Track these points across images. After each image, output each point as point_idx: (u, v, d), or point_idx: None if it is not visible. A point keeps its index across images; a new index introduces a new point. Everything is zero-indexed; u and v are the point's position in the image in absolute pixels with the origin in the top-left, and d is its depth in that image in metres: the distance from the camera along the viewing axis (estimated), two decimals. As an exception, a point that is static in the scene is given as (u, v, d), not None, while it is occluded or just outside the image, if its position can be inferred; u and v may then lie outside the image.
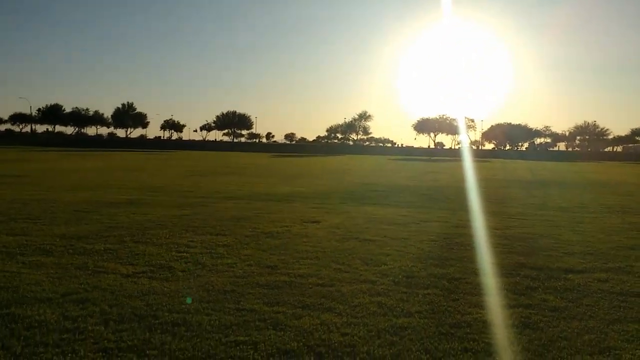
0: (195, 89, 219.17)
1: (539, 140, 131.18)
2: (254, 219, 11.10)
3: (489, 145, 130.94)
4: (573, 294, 6.05)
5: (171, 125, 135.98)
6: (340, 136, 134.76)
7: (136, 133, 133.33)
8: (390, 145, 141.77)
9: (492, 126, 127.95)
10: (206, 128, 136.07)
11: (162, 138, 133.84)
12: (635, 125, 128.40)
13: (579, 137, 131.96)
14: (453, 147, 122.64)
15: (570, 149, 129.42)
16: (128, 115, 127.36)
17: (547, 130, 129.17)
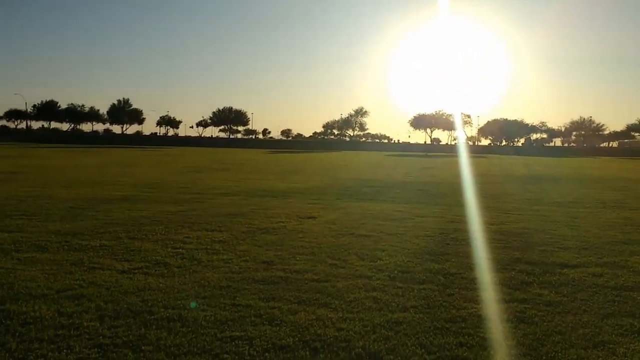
0: (192, 85, 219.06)
1: (535, 136, 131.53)
2: (250, 215, 11.09)
3: (485, 141, 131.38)
4: (568, 289, 6.08)
5: (167, 121, 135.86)
6: (336, 132, 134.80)
7: (132, 129, 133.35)
8: (386, 141, 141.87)
9: (489, 122, 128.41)
10: (202, 124, 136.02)
11: (158, 134, 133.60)
12: (631, 120, 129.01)
13: (574, 133, 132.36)
14: (449, 143, 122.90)
15: (566, 145, 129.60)
16: (124, 112, 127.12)
17: (543, 125, 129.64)
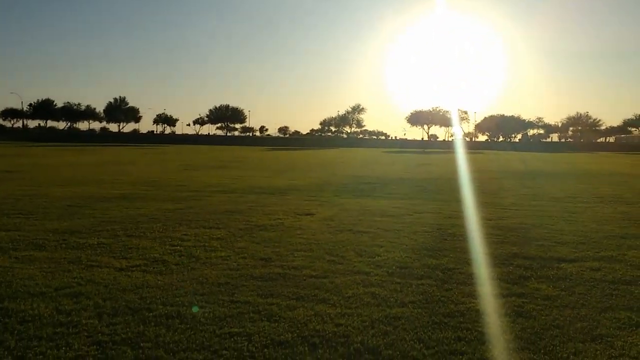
0: (188, 83, 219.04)
1: (532, 132, 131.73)
2: (248, 212, 11.09)
3: (482, 137, 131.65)
4: (565, 283, 6.10)
5: (164, 119, 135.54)
6: (333, 129, 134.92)
7: (129, 128, 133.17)
8: (383, 138, 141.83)
9: (485, 118, 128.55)
10: (199, 122, 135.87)
11: (155, 132, 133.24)
12: (628, 115, 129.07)
13: (571, 128, 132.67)
14: (446, 139, 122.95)
15: (563, 140, 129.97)
16: (120, 110, 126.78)
17: (540, 121, 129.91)
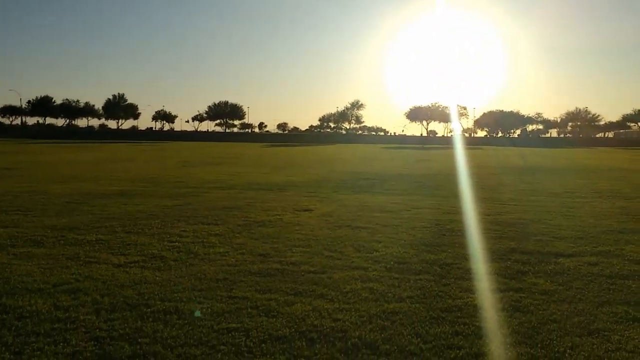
0: (187, 79, 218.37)
1: (530, 127, 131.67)
2: (246, 208, 11.09)
3: (481, 133, 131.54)
4: (563, 278, 6.11)
5: (163, 116, 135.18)
6: (332, 125, 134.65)
7: (127, 124, 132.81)
8: (383, 134, 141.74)
9: (484, 114, 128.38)
10: (198, 119, 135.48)
11: (154, 129, 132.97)
12: (627, 111, 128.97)
13: (570, 124, 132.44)
14: (445, 135, 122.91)
15: (562, 136, 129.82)
16: (119, 107, 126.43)
17: (539, 117, 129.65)
